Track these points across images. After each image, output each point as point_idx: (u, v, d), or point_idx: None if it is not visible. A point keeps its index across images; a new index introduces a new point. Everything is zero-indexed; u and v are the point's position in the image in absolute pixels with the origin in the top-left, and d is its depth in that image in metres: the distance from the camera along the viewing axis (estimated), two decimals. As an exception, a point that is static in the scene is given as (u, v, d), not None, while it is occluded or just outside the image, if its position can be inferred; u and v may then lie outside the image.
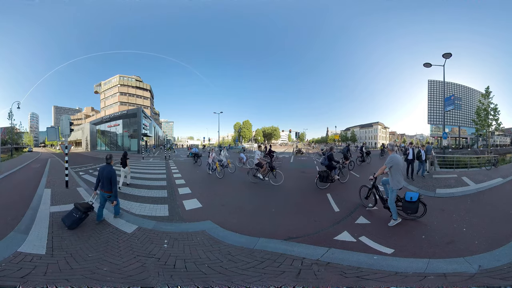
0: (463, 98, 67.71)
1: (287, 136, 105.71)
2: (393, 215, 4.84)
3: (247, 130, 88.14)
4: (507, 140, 71.68)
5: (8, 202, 6.59)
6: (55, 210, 5.68)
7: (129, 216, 5.44)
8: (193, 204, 6.47)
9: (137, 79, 61.51)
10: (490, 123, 28.52)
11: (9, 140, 39.42)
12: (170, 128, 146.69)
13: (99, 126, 51.70)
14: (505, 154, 32.43)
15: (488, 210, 5.71)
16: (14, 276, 2.91)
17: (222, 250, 3.77)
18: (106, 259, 3.41)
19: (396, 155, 5.00)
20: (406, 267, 3.18)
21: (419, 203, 4.85)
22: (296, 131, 42.35)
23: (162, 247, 3.85)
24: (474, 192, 7.66)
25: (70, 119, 9.13)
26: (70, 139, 17.54)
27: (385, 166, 4.99)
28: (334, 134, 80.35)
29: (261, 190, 8.30)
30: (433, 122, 69.97)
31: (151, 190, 8.18)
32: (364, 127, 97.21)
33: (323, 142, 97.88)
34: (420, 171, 10.57)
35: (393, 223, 4.75)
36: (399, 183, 4.88)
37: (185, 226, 4.95)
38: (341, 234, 4.33)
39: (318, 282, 2.85)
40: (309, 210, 6.00)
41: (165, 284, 2.82)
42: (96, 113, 71.21)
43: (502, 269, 3.04)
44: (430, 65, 15.74)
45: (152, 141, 54.26)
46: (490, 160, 14.98)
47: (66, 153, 8.62)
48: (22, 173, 13.20)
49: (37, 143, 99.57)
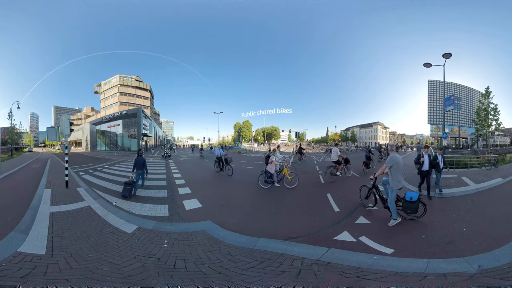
0: (463, 98, 67.73)
1: (287, 136, 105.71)
2: (393, 215, 4.85)
3: (247, 130, 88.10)
4: (507, 140, 71.66)
5: (8, 202, 6.59)
6: (55, 210, 5.68)
7: (129, 216, 5.44)
8: (193, 204, 6.47)
9: (137, 79, 61.54)
10: (490, 123, 28.51)
11: (9, 140, 39.44)
12: (170, 128, 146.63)
13: (99, 126, 51.70)
14: (505, 154, 32.38)
15: (488, 210, 5.71)
16: (14, 276, 2.91)
17: (222, 250, 3.77)
18: (106, 259, 3.41)
19: (396, 155, 5.02)
20: (406, 267, 3.18)
21: (419, 203, 4.84)
22: (296, 131, 42.47)
23: (162, 247, 3.85)
24: (474, 192, 7.66)
25: (70, 119, 9.14)
26: (70, 139, 17.56)
27: (385, 166, 5.01)
28: (334, 134, 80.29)
29: (261, 190, 8.29)
30: (433, 122, 70.02)
31: (151, 190, 8.18)
32: (364, 127, 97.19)
33: (323, 142, 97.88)
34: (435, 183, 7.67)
35: (393, 223, 4.76)
36: (399, 183, 4.89)
37: (185, 226, 4.96)
38: (341, 234, 4.33)
39: (318, 282, 2.85)
40: (309, 210, 6.01)
41: (165, 284, 2.82)
42: (96, 113, 71.22)
43: (502, 269, 3.04)
44: (430, 65, 15.75)
45: (152, 141, 54.28)
46: (490, 160, 14.98)
47: (66, 153, 8.62)
48: (22, 173, 13.20)
49: (37, 143, 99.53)
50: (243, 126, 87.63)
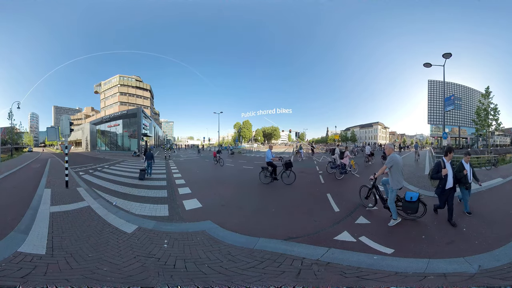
0: (463, 98, 67.71)
1: (287, 136, 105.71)
2: (393, 215, 4.85)
3: (247, 130, 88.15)
4: (507, 140, 71.65)
5: (8, 202, 6.59)
6: (55, 210, 5.68)
7: (129, 216, 5.44)
8: (193, 204, 6.47)
9: (137, 79, 61.53)
10: (490, 123, 28.54)
11: (9, 140, 39.44)
12: (170, 128, 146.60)
13: (99, 126, 51.67)
14: (505, 154, 32.44)
15: (488, 210, 5.71)
16: (14, 276, 2.91)
17: (222, 250, 3.77)
18: (106, 259, 3.41)
19: (396, 155, 5.03)
20: (406, 267, 3.18)
21: (419, 203, 4.84)
22: (296, 131, 42.51)
23: (162, 247, 3.85)
24: (474, 192, 7.63)
25: (70, 119, 9.13)
26: (70, 139, 17.57)
27: (385, 166, 5.02)
28: (334, 134, 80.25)
29: (261, 190, 8.30)
30: (433, 122, 70.01)
31: (151, 190, 8.18)
32: (364, 127, 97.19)
33: (323, 142, 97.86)
34: (462, 202, 5.64)
35: (393, 223, 4.76)
36: (399, 183, 4.89)
37: (185, 226, 4.95)
38: (341, 234, 4.33)
39: (318, 282, 2.85)
40: (309, 210, 6.00)
41: (165, 284, 2.82)
42: (96, 113, 71.22)
43: (502, 269, 3.04)
44: (430, 65, 15.75)
45: (152, 141, 54.25)
46: (490, 160, 15.00)
47: (66, 153, 8.62)
48: (22, 173, 13.20)
49: (37, 143, 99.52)
50: (243, 126, 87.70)
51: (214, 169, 15.00)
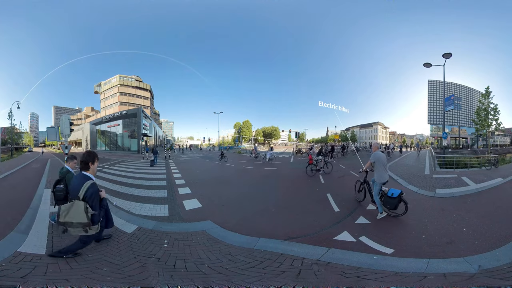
0: (463, 98, 67.63)
1: (287, 136, 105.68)
2: (378, 208, 5.28)
3: (247, 130, 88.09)
4: (507, 140, 71.54)
5: (8, 202, 6.59)
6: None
7: (129, 216, 5.43)
8: (193, 204, 6.47)
9: (137, 79, 61.47)
10: (490, 123, 28.48)
11: (9, 140, 39.39)
12: (170, 128, 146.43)
13: (99, 126, 51.65)
14: (505, 154, 32.40)
15: (488, 210, 5.71)
16: (14, 276, 2.90)
17: (222, 250, 3.77)
18: (106, 259, 3.41)
19: (379, 152, 5.61)
20: (406, 267, 3.18)
21: (399, 200, 5.03)
22: (296, 131, 42.53)
23: (162, 247, 3.85)
24: (474, 192, 7.65)
25: (70, 119, 9.14)
26: (70, 139, 17.56)
27: (370, 161, 5.66)
28: (334, 134, 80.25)
29: (261, 190, 8.30)
30: (433, 122, 69.93)
31: (151, 190, 8.18)
32: (364, 127, 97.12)
33: (323, 142, 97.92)
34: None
35: (379, 216, 5.15)
36: (381, 177, 5.36)
37: (185, 226, 4.95)
38: (341, 234, 4.33)
39: (318, 282, 2.85)
40: (309, 210, 6.01)
41: (165, 284, 2.82)
42: (96, 113, 71.16)
43: (502, 269, 3.03)
44: (430, 65, 15.76)
45: (152, 141, 54.23)
46: (490, 160, 14.98)
47: (66, 153, 8.62)
48: (22, 173, 13.20)
49: (37, 143, 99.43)
50: (243, 126, 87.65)
51: (214, 169, 15.00)
